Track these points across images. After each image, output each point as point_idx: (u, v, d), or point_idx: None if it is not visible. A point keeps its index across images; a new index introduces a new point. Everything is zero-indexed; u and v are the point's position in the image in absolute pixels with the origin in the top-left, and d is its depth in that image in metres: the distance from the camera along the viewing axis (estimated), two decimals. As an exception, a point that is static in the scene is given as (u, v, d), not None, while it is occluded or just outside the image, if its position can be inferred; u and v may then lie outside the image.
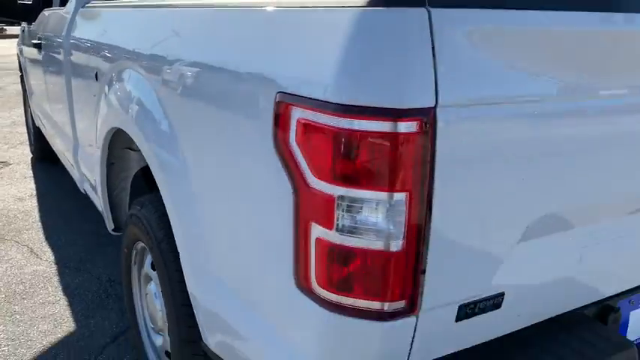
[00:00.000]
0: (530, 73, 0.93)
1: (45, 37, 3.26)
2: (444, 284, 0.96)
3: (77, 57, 2.45)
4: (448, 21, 0.85)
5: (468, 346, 1.07)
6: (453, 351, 1.06)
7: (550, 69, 0.96)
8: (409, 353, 0.98)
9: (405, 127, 0.84)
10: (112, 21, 2.14)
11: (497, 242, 1.00)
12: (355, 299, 0.94)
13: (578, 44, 0.99)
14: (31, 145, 5.16)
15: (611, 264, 1.27)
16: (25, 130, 5.71)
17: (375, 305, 0.93)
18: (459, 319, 1.01)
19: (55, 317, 2.57)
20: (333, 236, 0.92)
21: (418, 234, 0.90)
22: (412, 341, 0.97)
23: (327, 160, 0.89)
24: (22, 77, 5.06)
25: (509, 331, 1.12)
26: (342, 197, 0.89)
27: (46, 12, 3.50)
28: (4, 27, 20.39)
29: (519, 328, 1.14)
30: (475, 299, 1.01)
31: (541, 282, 1.12)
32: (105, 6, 2.35)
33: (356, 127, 0.86)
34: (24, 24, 4.42)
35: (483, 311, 1.03)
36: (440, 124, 0.85)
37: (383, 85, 0.84)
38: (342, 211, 0.90)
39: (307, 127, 0.92)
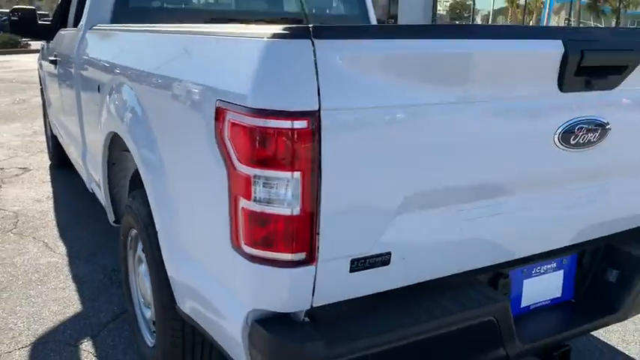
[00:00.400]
0: (390, 85, 1.26)
1: (60, 54, 3.66)
2: (335, 242, 1.28)
3: (84, 71, 2.83)
4: (327, 49, 1.18)
5: (365, 294, 1.39)
6: (352, 297, 1.37)
7: (404, 82, 1.28)
8: (313, 294, 1.30)
9: (298, 124, 1.18)
10: (111, 41, 2.53)
11: (377, 212, 1.32)
12: (271, 253, 1.27)
13: (429, 63, 1.32)
14: (49, 152, 5.58)
15: (497, 237, 1.58)
16: (45, 139, 6.15)
17: (284, 257, 1.26)
18: (352, 270, 1.33)
19: (64, 300, 2.93)
20: (253, 205, 1.25)
21: (312, 203, 1.23)
22: (314, 285, 1.29)
23: (247, 150, 1.23)
24: (41, 90, 5.50)
25: (400, 286, 1.44)
26: (257, 176, 1.23)
27: (62, 32, 3.91)
28: (29, 42, 21.18)
29: (409, 284, 1.45)
30: (365, 255, 1.33)
31: (426, 247, 1.44)
32: (106, 29, 2.74)
33: (265, 125, 1.19)
34: (44, 42, 4.85)
35: (373, 266, 1.35)
36: (323, 122, 1.19)
37: (282, 95, 1.18)
38: (258, 187, 1.24)
39: (234, 126, 1.26)
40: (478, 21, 18.78)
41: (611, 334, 2.65)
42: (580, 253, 1.86)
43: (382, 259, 1.36)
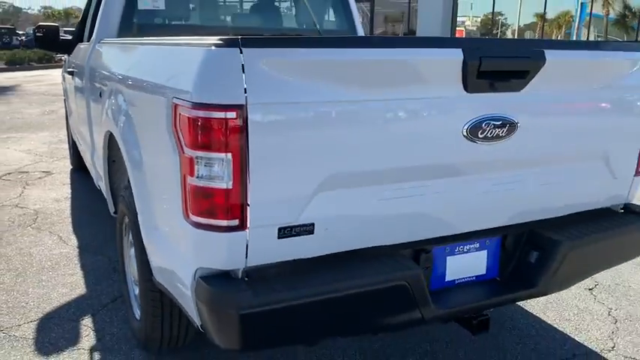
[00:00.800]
0: (307, 85, 1.55)
1: (76, 66, 4.06)
2: (263, 212, 1.57)
3: (91, 80, 3.20)
4: (252, 56, 1.48)
5: (293, 258, 1.67)
6: (282, 259, 1.65)
7: (321, 82, 1.57)
8: (246, 255, 1.59)
9: (229, 114, 1.48)
10: (110, 53, 2.89)
11: (300, 189, 1.60)
12: (210, 220, 1.57)
13: (343, 68, 1.60)
14: (70, 157, 6.01)
15: (416, 217, 1.84)
16: (67, 146, 6.60)
17: (220, 223, 1.56)
18: (280, 237, 1.61)
19: (71, 284, 3.27)
20: (196, 181, 1.55)
21: (242, 179, 1.52)
22: (247, 247, 1.58)
23: (191, 136, 1.54)
24: (64, 100, 5.94)
25: (324, 253, 1.71)
26: (199, 157, 1.53)
27: (79, 45, 4.31)
28: (63, 57, 22.18)
29: (332, 252, 1.73)
30: (291, 225, 1.61)
31: (348, 221, 1.71)
32: (108, 42, 3.12)
33: (203, 116, 1.50)
34: (66, 55, 5.29)
35: (299, 234, 1.63)
36: (249, 113, 1.48)
37: (216, 92, 1.48)
38: (200, 166, 1.54)
39: (182, 117, 1.57)
40: (509, 35, 18.89)
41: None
42: (503, 236, 2.10)
43: (307, 229, 1.65)
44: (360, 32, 4.04)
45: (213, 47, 1.51)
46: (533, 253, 2.09)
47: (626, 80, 2.14)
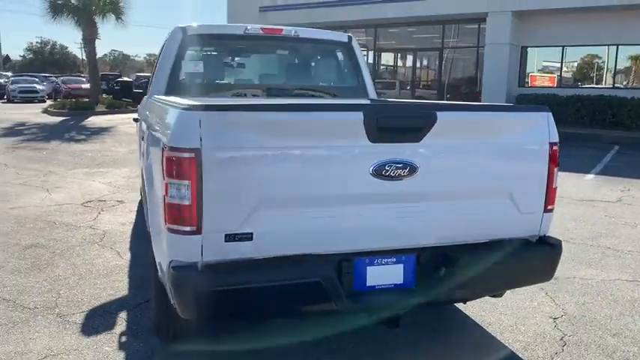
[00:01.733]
0: (245, 135, 2.26)
1: (139, 114, 5.05)
2: (214, 222, 2.27)
3: (142, 126, 4.11)
4: (206, 115, 2.21)
5: (237, 258, 2.35)
6: (229, 258, 2.33)
7: (256, 133, 2.27)
8: (202, 252, 2.29)
9: (189, 155, 2.21)
10: (148, 108, 3.79)
11: (240, 207, 2.29)
12: (178, 226, 2.29)
13: (274, 124, 2.30)
14: (140, 190, 7.07)
15: (337, 234, 2.46)
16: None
17: (184, 229, 2.28)
18: (226, 241, 2.30)
19: (118, 288, 4.11)
20: (170, 199, 2.29)
21: (198, 198, 2.24)
22: (202, 247, 2.28)
23: (167, 168, 2.29)
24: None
25: (261, 256, 2.37)
26: (171, 183, 2.28)
27: (144, 98, 5.32)
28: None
29: (270, 255, 2.39)
30: (234, 232, 2.30)
31: (280, 233, 2.37)
32: (154, 98, 4.03)
33: (173, 155, 2.25)
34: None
35: (241, 240, 2.32)
36: (203, 154, 2.21)
37: (181, 139, 2.23)
38: (172, 189, 2.28)
39: (164, 156, 2.32)
40: (609, 78, 18.77)
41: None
42: (418, 254, 2.66)
43: (247, 237, 2.33)
44: (369, 88, 4.72)
45: (182, 110, 2.27)
46: (443, 269, 2.64)
47: (517, 135, 2.68)
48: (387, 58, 24.87)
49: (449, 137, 2.53)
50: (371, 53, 23.35)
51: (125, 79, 6.23)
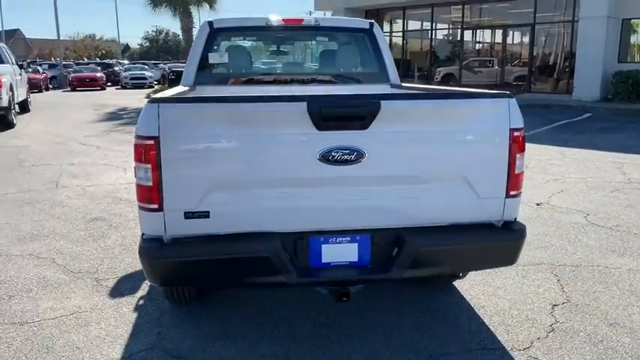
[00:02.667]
0: (199, 124, 2.54)
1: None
2: (173, 201, 2.58)
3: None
4: (164, 107, 2.52)
5: (197, 234, 2.65)
6: (189, 233, 2.64)
7: (208, 122, 2.54)
8: (165, 227, 2.62)
9: (150, 141, 2.54)
10: None
11: (197, 187, 2.58)
12: (144, 204, 2.64)
13: (223, 115, 2.56)
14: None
15: (290, 213, 2.68)
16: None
17: (148, 206, 2.62)
18: (186, 218, 2.61)
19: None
20: (138, 181, 2.64)
21: (158, 180, 2.57)
22: (164, 222, 2.61)
23: (135, 154, 2.63)
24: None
25: (218, 232, 2.66)
26: (138, 167, 2.62)
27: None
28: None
29: (227, 232, 2.66)
30: (192, 210, 2.60)
31: (235, 212, 2.64)
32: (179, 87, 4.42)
33: (138, 142, 2.59)
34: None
35: (199, 217, 2.62)
36: (161, 141, 2.53)
37: (144, 128, 2.56)
38: (138, 172, 2.62)
39: (134, 144, 2.66)
40: None
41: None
42: (372, 235, 2.81)
43: (204, 214, 2.63)
44: (391, 73, 4.81)
45: (147, 103, 2.59)
46: (395, 248, 2.79)
47: (473, 122, 2.72)
48: (476, 36, 24.02)
49: (398, 124, 2.65)
50: (458, 31, 22.70)
51: (179, 69, 6.69)
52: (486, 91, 3.03)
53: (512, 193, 2.84)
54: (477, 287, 3.96)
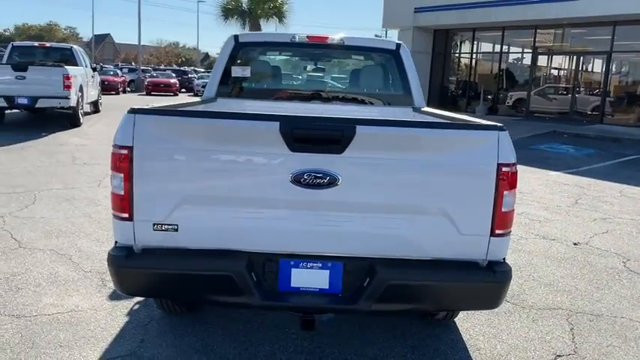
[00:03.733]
0: (176, 136, 2.54)
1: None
2: (143, 211, 2.59)
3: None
4: (140, 119, 2.54)
5: (166, 246, 2.64)
6: (158, 245, 2.64)
7: (178, 136, 2.54)
8: (134, 237, 2.63)
9: (124, 151, 2.57)
10: None
11: (165, 200, 2.58)
12: (117, 213, 2.66)
13: (194, 129, 2.54)
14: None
15: (259, 234, 2.63)
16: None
17: (119, 215, 2.64)
18: (154, 230, 2.61)
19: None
20: (112, 189, 2.67)
21: (130, 189, 2.58)
22: (134, 232, 2.62)
23: (111, 162, 2.66)
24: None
25: (187, 247, 2.63)
26: (113, 175, 2.65)
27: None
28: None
29: (195, 247, 2.64)
30: (161, 222, 2.60)
31: (204, 228, 2.61)
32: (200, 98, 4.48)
33: (114, 151, 2.62)
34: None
35: (167, 230, 2.61)
36: (135, 151, 2.55)
37: (120, 137, 2.59)
38: (113, 180, 2.66)
39: (111, 152, 2.70)
40: None
41: None
42: (344, 263, 2.70)
43: (173, 228, 2.62)
44: (416, 95, 4.67)
45: (126, 113, 2.62)
46: (367, 279, 2.66)
47: (457, 154, 2.56)
48: (551, 61, 23.13)
49: (374, 151, 2.55)
50: (529, 55, 21.96)
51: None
52: (479, 121, 2.86)
53: (498, 231, 2.65)
54: (478, 327, 3.74)
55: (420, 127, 2.63)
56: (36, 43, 17.05)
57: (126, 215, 2.64)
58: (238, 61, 4.73)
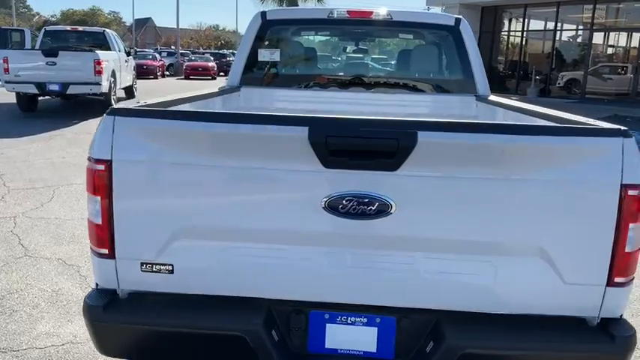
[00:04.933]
0: (170, 146, 1.84)
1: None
2: (127, 246, 1.92)
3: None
4: (120, 122, 1.85)
5: (157, 291, 1.97)
6: (148, 290, 1.97)
7: (172, 148, 1.84)
8: (117, 279, 1.97)
9: (100, 166, 1.89)
10: None
11: (155, 233, 1.90)
12: (95, 248, 1.99)
13: (193, 137, 1.84)
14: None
15: (278, 277, 1.92)
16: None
17: (97, 250, 1.97)
18: (143, 270, 1.94)
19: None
20: (88, 215, 2.01)
21: (109, 217, 1.91)
22: (117, 273, 1.96)
23: (86, 181, 1.99)
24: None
25: (184, 292, 1.95)
26: (90, 198, 1.98)
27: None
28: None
29: (194, 293, 1.95)
30: (151, 262, 1.92)
31: (206, 269, 1.93)
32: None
33: (89, 166, 1.94)
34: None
35: (160, 272, 1.93)
36: (114, 166, 1.87)
37: (96, 148, 1.91)
38: (90, 205, 1.99)
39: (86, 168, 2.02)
40: None
41: None
42: (398, 318, 1.97)
43: (166, 268, 1.94)
44: (479, 81, 3.86)
45: (106, 114, 1.94)
46: (431, 343, 1.93)
47: (561, 170, 1.78)
48: (608, 39, 21.53)
49: (443, 166, 1.80)
50: (587, 32, 20.46)
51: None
52: (591, 122, 2.05)
53: (617, 280, 1.87)
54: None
55: (513, 133, 1.83)
56: (68, 27, 16.71)
57: (105, 251, 1.97)
58: (266, 43, 4.01)
